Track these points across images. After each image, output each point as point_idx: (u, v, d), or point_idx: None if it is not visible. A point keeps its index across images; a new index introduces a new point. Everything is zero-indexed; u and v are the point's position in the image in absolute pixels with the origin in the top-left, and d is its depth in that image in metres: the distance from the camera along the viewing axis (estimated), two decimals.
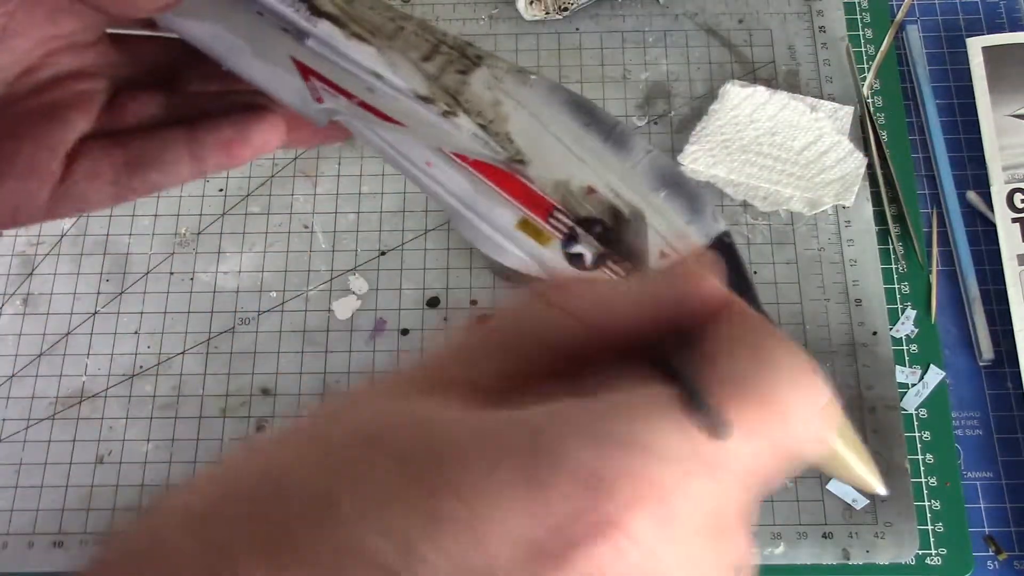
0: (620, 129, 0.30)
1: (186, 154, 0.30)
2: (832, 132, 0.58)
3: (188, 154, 0.30)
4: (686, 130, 0.59)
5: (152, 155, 0.30)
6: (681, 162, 0.58)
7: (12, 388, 0.55)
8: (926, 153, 0.60)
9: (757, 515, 0.51)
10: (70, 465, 0.54)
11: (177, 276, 0.58)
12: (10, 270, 0.58)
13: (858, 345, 0.54)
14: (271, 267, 0.58)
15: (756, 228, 0.58)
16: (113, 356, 0.56)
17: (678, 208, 0.30)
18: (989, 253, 0.57)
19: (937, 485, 0.52)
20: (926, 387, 0.53)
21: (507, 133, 0.30)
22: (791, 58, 0.62)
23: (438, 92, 0.30)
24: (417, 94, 0.30)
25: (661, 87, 0.62)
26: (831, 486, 0.51)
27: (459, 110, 0.30)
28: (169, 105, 0.31)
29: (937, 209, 0.58)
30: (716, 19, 0.63)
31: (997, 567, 0.50)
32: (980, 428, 0.53)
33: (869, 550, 0.50)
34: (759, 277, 0.56)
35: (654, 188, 0.30)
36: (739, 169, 0.58)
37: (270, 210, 0.59)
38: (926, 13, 0.64)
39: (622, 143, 0.30)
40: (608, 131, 0.30)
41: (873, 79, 0.61)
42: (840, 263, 0.56)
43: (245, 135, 0.30)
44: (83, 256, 0.58)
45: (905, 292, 0.56)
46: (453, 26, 0.64)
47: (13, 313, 0.57)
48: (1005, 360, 0.54)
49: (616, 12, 0.64)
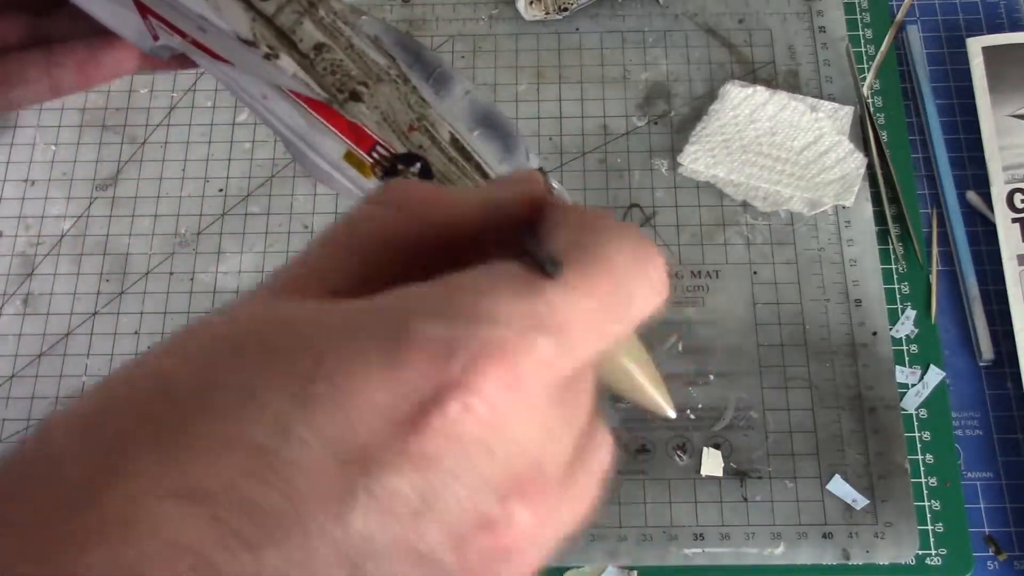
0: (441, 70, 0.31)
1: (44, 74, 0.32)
2: (832, 132, 0.58)
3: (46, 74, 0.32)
4: (686, 130, 0.59)
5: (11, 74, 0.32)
6: (681, 162, 0.58)
7: (12, 388, 0.55)
8: (926, 153, 0.60)
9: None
10: None
11: (177, 276, 0.58)
12: (10, 270, 0.58)
13: (858, 345, 0.54)
14: (271, 267, 0.58)
15: (756, 228, 0.58)
16: (113, 356, 0.56)
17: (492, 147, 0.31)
18: (989, 253, 0.57)
19: (937, 485, 0.52)
20: (926, 387, 0.53)
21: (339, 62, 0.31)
22: (791, 58, 0.62)
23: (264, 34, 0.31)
24: (240, 37, 0.30)
25: (661, 87, 0.62)
26: (831, 486, 0.51)
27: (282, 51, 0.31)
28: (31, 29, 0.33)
29: (937, 209, 0.58)
30: (716, 19, 0.63)
31: (997, 567, 0.50)
32: (980, 428, 0.53)
33: (869, 550, 0.50)
34: (759, 277, 0.56)
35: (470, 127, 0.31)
36: (739, 169, 0.58)
37: (270, 210, 0.59)
38: (926, 13, 0.64)
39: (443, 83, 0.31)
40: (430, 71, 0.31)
41: (873, 79, 0.61)
42: (840, 263, 0.56)
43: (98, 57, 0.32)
44: (83, 256, 0.58)
45: (905, 292, 0.56)
46: (453, 26, 0.64)
47: (13, 313, 0.57)
48: (1005, 360, 0.54)
49: (616, 12, 0.64)
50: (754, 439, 0.52)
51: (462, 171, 0.31)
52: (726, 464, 0.52)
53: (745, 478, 0.52)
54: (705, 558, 0.50)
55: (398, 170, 0.31)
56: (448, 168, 0.31)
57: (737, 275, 0.56)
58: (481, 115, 0.32)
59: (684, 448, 0.52)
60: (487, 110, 0.32)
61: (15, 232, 0.59)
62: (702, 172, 0.58)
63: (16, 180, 0.60)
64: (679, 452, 0.52)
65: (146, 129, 0.61)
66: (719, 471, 0.52)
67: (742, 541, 0.50)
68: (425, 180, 0.31)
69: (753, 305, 0.56)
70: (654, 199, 0.58)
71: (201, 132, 0.61)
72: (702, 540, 0.51)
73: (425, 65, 0.31)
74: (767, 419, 0.53)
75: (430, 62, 0.31)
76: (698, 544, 0.51)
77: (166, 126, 0.62)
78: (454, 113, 0.31)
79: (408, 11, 0.64)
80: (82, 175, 0.60)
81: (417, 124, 0.31)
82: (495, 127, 0.32)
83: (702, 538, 0.51)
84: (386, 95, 0.31)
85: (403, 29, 0.63)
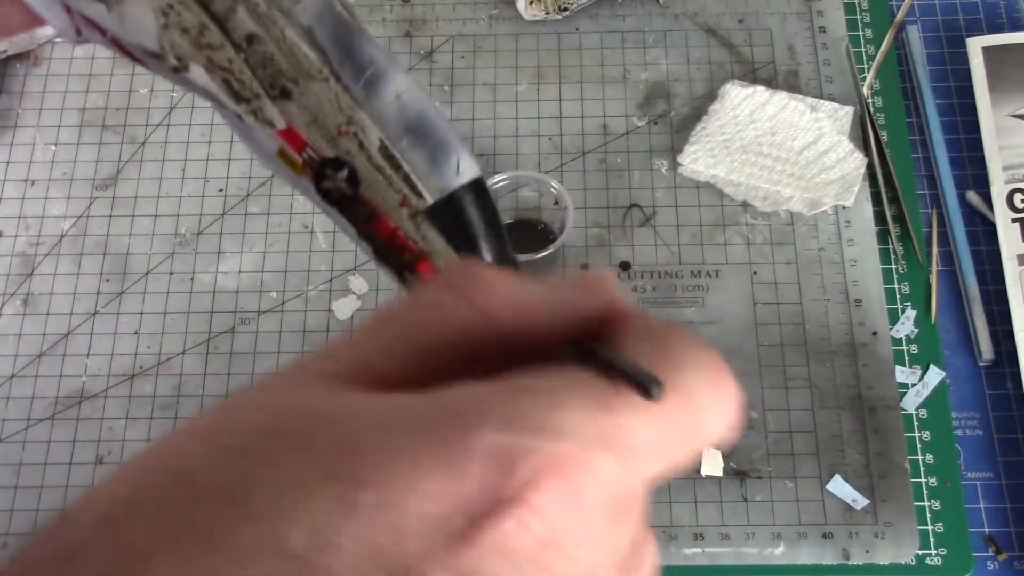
0: (375, 70, 0.29)
1: None
2: (832, 132, 0.58)
3: None
4: (686, 130, 0.59)
5: None
6: (681, 162, 0.58)
7: (12, 388, 0.55)
8: (926, 153, 0.60)
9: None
10: (70, 465, 0.54)
11: (177, 276, 0.58)
12: (10, 270, 0.58)
13: (858, 345, 0.54)
14: (271, 267, 0.58)
15: (756, 228, 0.58)
16: (113, 356, 0.56)
17: (421, 157, 0.29)
18: (989, 253, 0.57)
19: (937, 485, 0.52)
20: (926, 387, 0.53)
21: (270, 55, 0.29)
22: (791, 58, 0.62)
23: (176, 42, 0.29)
24: (145, 49, 0.29)
25: (661, 87, 0.62)
26: (831, 486, 0.51)
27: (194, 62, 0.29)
28: None
29: (937, 209, 0.58)
30: (716, 19, 0.63)
31: (997, 567, 0.50)
32: (980, 428, 0.53)
33: (869, 550, 0.50)
34: (759, 277, 0.56)
35: (399, 134, 0.29)
36: (739, 169, 0.58)
37: (270, 210, 0.59)
38: (926, 13, 0.64)
39: (374, 84, 0.29)
40: (363, 70, 0.29)
41: (873, 79, 0.61)
42: (840, 263, 0.56)
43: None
44: (83, 256, 0.58)
45: (905, 292, 0.56)
46: (453, 26, 0.64)
47: (13, 313, 0.57)
48: (1005, 360, 0.54)
49: (616, 12, 0.64)
50: (754, 439, 0.52)
51: (388, 181, 0.29)
52: (726, 464, 0.52)
53: (745, 478, 0.52)
54: (705, 558, 0.50)
55: (327, 175, 0.29)
56: (375, 177, 0.29)
57: (737, 275, 0.56)
58: (413, 121, 0.29)
59: None
60: (420, 115, 0.30)
61: (15, 232, 0.59)
62: (702, 172, 0.58)
63: (16, 180, 0.60)
64: None
65: (146, 129, 0.61)
66: (719, 471, 0.52)
67: (742, 541, 0.50)
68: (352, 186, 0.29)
69: (753, 305, 0.56)
70: (654, 199, 0.58)
71: (201, 132, 0.61)
72: (702, 540, 0.51)
73: (357, 63, 0.29)
74: (767, 419, 0.53)
75: (364, 60, 0.29)
76: (698, 544, 0.51)
77: (166, 126, 0.62)
78: (384, 118, 0.29)
79: (408, 11, 0.64)
80: (82, 175, 0.60)
81: (346, 128, 0.29)
82: (426, 134, 0.30)
83: (702, 538, 0.51)
84: (316, 94, 0.29)
85: (403, 29, 0.63)
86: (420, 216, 0.29)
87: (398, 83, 0.30)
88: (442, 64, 0.63)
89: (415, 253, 0.29)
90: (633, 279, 0.56)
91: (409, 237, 0.29)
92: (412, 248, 0.29)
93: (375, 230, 0.29)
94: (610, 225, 0.58)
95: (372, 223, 0.29)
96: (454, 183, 0.29)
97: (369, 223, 0.29)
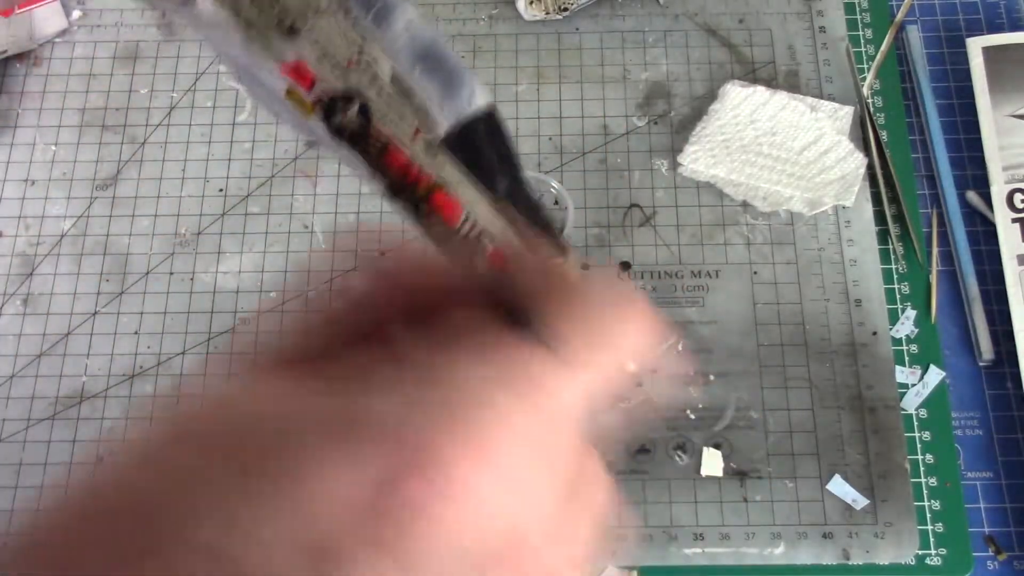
0: (383, 2, 0.29)
1: None
2: (832, 132, 0.58)
3: None
4: (686, 130, 0.59)
5: None
6: (681, 162, 0.58)
7: (12, 388, 0.55)
8: (926, 153, 0.60)
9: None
10: (70, 465, 0.54)
11: (177, 276, 0.58)
12: (10, 270, 0.58)
13: (858, 345, 0.54)
14: (271, 267, 0.58)
15: (756, 228, 0.58)
16: (113, 356, 0.56)
17: (433, 85, 0.29)
18: (989, 253, 0.57)
19: (937, 485, 0.52)
20: (926, 387, 0.53)
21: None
22: (791, 58, 0.62)
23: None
24: None
25: (661, 87, 0.62)
26: (831, 486, 0.51)
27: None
28: None
29: (937, 209, 0.58)
30: (716, 19, 0.63)
31: (997, 567, 0.50)
32: (980, 428, 0.53)
33: (869, 550, 0.50)
34: (759, 277, 0.56)
35: (411, 64, 0.29)
36: (739, 169, 0.58)
37: (270, 210, 0.59)
38: (926, 13, 0.64)
39: (384, 15, 0.29)
40: (371, 3, 0.29)
41: (873, 79, 0.61)
42: (840, 263, 0.56)
43: None
44: (83, 256, 0.58)
45: (905, 292, 0.56)
46: (453, 26, 0.64)
47: (13, 313, 0.57)
48: (1005, 360, 0.54)
49: (616, 12, 0.64)
50: (754, 439, 0.52)
51: (401, 112, 0.29)
52: (726, 464, 0.52)
53: (745, 478, 0.52)
54: (705, 558, 0.50)
55: (337, 109, 0.29)
56: (387, 108, 0.29)
57: (737, 275, 0.56)
58: (423, 50, 0.29)
59: (684, 448, 0.52)
60: (430, 44, 0.30)
61: (15, 232, 0.59)
62: (702, 172, 0.58)
63: (16, 180, 0.60)
64: (679, 452, 0.52)
65: (146, 129, 0.61)
66: (719, 471, 0.52)
67: (742, 541, 0.50)
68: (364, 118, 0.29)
69: (753, 305, 0.56)
70: (654, 199, 0.58)
71: (201, 132, 0.61)
72: (702, 540, 0.51)
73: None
74: (767, 419, 0.53)
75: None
76: (698, 544, 0.51)
77: (166, 126, 0.62)
78: (395, 48, 0.29)
79: None
80: (82, 175, 0.60)
81: (356, 59, 0.29)
82: (438, 64, 0.29)
83: (702, 538, 0.51)
84: (325, 29, 0.29)
85: None
86: (434, 146, 0.29)
87: (407, 14, 0.30)
88: None
89: (430, 184, 0.28)
90: (633, 279, 0.56)
91: (423, 168, 0.29)
92: (426, 179, 0.28)
93: (388, 163, 0.29)
94: (610, 225, 0.58)
95: (385, 156, 0.29)
96: (468, 111, 0.29)
97: (382, 157, 0.29)
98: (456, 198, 0.28)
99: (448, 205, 0.28)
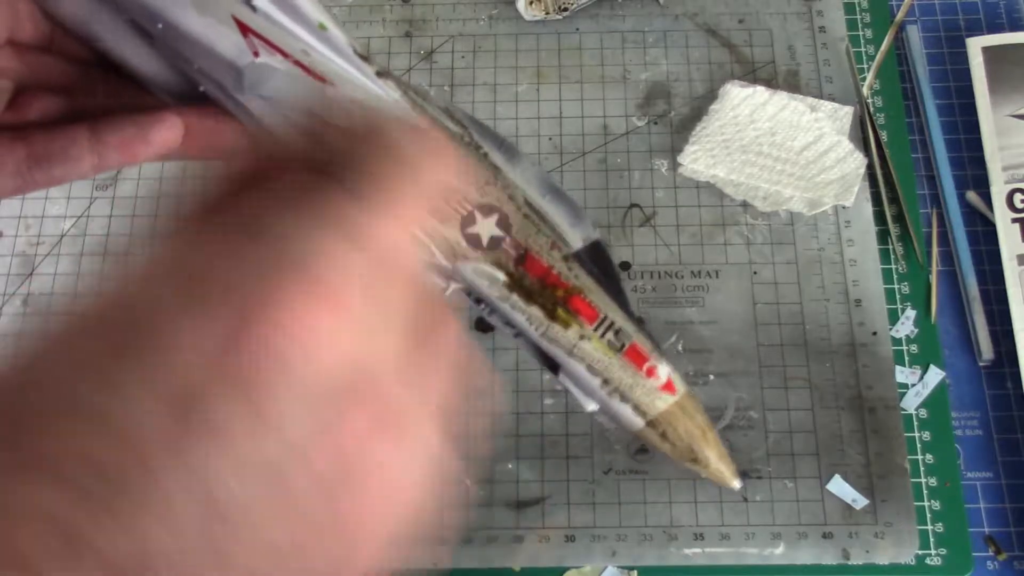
0: (509, 143, 0.34)
1: (87, 150, 0.32)
2: (832, 132, 0.58)
3: (89, 150, 0.32)
4: (686, 130, 0.59)
5: (54, 151, 0.32)
6: (681, 162, 0.58)
7: None
8: (926, 153, 0.60)
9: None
10: None
11: None
12: (10, 270, 0.58)
13: (858, 345, 0.54)
14: None
15: (756, 228, 0.58)
16: None
17: (562, 212, 0.34)
18: (989, 253, 0.57)
19: (937, 485, 0.52)
20: (926, 387, 0.53)
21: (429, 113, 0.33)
22: (791, 58, 0.62)
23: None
24: (356, 51, 0.32)
25: (661, 87, 0.62)
26: (831, 486, 0.51)
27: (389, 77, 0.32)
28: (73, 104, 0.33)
29: (937, 209, 0.58)
30: (716, 19, 0.63)
31: (997, 567, 0.50)
32: (980, 428, 0.53)
33: (869, 550, 0.50)
34: (759, 277, 0.56)
35: (541, 193, 0.34)
36: (739, 169, 0.58)
37: None
38: (926, 13, 0.64)
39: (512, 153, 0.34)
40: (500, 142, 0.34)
41: (873, 79, 0.61)
42: (840, 263, 0.56)
43: (146, 134, 0.33)
44: (83, 256, 0.58)
45: (905, 292, 0.56)
46: (453, 26, 0.64)
47: (13, 313, 0.57)
48: (1005, 360, 0.54)
49: (616, 12, 0.64)
50: (754, 439, 0.52)
51: (538, 227, 0.33)
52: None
53: (745, 478, 0.52)
54: (705, 558, 0.50)
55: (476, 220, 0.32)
56: (526, 223, 0.33)
57: (737, 275, 0.56)
58: (549, 183, 0.34)
59: None
60: (552, 181, 0.34)
61: (15, 232, 0.59)
62: (702, 172, 0.58)
63: None
64: None
65: None
66: None
67: (742, 541, 0.51)
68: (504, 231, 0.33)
69: (753, 305, 0.56)
70: (654, 199, 0.58)
71: None
72: (702, 540, 0.51)
73: (494, 136, 0.34)
74: (767, 419, 0.53)
75: (497, 135, 0.34)
76: (698, 544, 0.51)
77: None
78: (525, 179, 0.34)
79: (408, 11, 0.64)
80: None
81: (493, 181, 0.33)
82: (561, 196, 0.34)
83: (702, 538, 0.51)
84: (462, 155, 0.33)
85: (403, 30, 0.63)
86: (571, 258, 0.33)
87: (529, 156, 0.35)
88: (442, 64, 0.63)
89: (568, 289, 0.33)
90: (633, 279, 0.56)
91: (562, 275, 0.33)
92: (565, 284, 0.33)
93: (528, 268, 0.33)
94: (610, 225, 0.58)
95: (524, 263, 0.33)
96: (593, 235, 0.34)
97: (521, 263, 0.33)
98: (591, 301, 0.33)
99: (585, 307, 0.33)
